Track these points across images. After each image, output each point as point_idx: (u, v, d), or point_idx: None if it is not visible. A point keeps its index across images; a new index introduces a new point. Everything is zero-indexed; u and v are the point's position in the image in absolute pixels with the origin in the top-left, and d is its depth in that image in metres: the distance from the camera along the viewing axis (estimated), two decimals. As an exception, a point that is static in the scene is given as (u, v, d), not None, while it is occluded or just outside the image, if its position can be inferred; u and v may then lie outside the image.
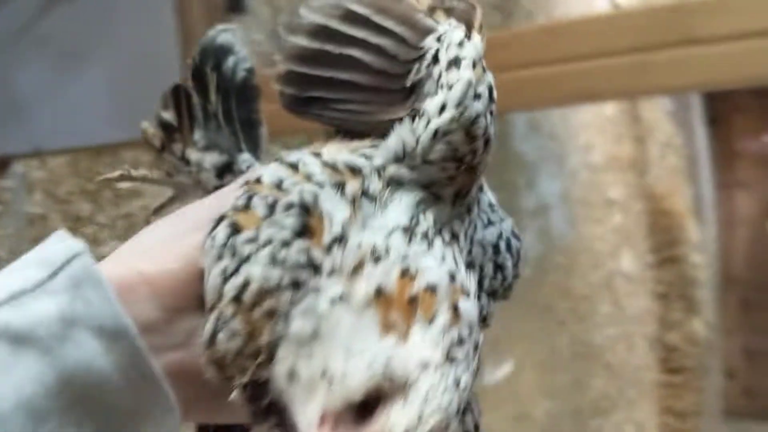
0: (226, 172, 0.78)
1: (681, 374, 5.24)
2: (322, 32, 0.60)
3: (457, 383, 0.46)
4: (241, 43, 0.81)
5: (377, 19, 0.58)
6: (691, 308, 5.23)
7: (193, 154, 0.79)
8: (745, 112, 5.88)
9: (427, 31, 0.56)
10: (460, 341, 0.47)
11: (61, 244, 0.47)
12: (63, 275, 0.45)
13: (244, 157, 0.79)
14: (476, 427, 0.56)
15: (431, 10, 0.58)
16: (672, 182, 5.40)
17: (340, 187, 0.51)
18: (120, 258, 0.51)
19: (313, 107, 0.59)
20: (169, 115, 0.80)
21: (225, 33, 0.78)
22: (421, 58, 0.55)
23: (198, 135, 0.79)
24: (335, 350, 0.46)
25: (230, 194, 0.53)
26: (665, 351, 5.24)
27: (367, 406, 0.44)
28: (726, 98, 5.89)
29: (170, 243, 0.52)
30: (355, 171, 0.53)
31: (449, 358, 0.46)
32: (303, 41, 0.61)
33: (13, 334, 0.41)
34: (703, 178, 5.80)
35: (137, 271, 0.49)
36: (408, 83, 0.55)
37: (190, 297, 0.50)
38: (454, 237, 0.54)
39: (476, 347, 0.48)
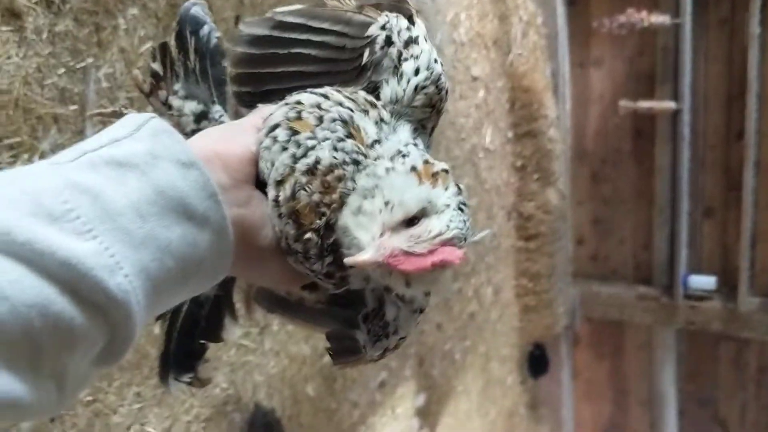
0: (202, 118, 0.96)
1: (535, 240, 5.65)
2: (264, 39, 0.80)
3: (465, 222, 0.69)
4: (209, 15, 1.00)
5: (313, 23, 0.79)
6: (546, 180, 5.59)
7: (174, 101, 0.96)
8: (602, -8, 6.09)
9: (365, 24, 0.78)
10: (464, 204, 0.71)
11: (137, 115, 0.64)
12: (145, 128, 0.61)
13: (216, 108, 0.97)
14: (421, 310, 0.80)
15: (360, 8, 0.80)
16: (532, 60, 5.61)
17: (366, 112, 0.74)
18: (196, 142, 0.69)
19: (270, 98, 0.78)
20: (156, 66, 0.97)
21: (196, 6, 0.97)
22: (370, 44, 0.77)
23: (178, 86, 0.96)
24: (392, 193, 0.68)
25: (249, 120, 0.75)
26: (521, 219, 5.62)
27: (411, 223, 0.67)
28: (584, -21, 6.08)
29: (229, 138, 0.72)
30: (372, 104, 0.75)
31: (459, 208, 0.69)
32: (248, 49, 0.80)
33: (117, 161, 0.57)
34: (561, 57, 6.06)
35: (212, 150, 0.68)
36: (362, 63, 0.77)
37: (248, 174, 0.71)
38: None
39: (469, 216, 0.71)
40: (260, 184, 0.72)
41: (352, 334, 0.79)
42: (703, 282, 5.86)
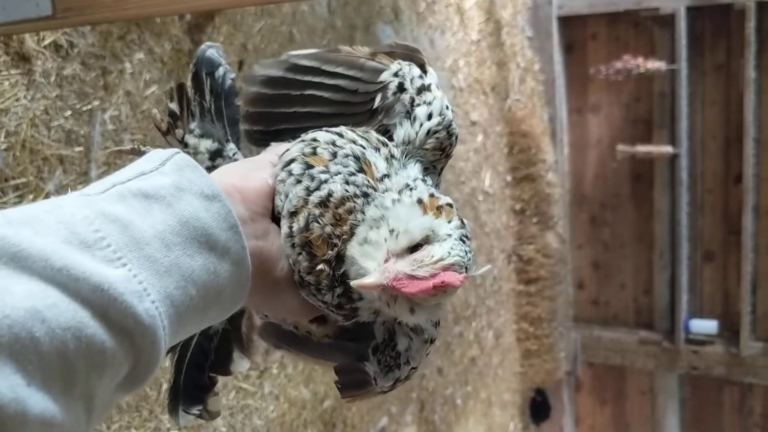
0: (217, 156, 0.99)
1: (535, 284, 5.64)
2: (278, 80, 0.84)
3: (465, 252, 0.71)
4: (224, 57, 1.03)
5: (327, 67, 0.83)
6: (545, 223, 5.60)
7: (190, 139, 1.00)
8: (599, 39, 6.19)
9: (378, 70, 0.83)
10: (466, 236, 0.73)
11: (162, 150, 0.67)
12: (170, 163, 0.65)
13: (231, 146, 1.01)
14: (432, 340, 0.82)
15: (373, 55, 0.84)
16: (530, 105, 5.67)
17: (377, 149, 0.77)
18: (216, 177, 0.71)
19: (281, 138, 0.82)
20: (174, 106, 1.01)
21: (212, 48, 1.01)
22: (382, 89, 0.82)
23: (194, 125, 1.00)
24: (398, 222, 0.70)
25: (265, 156, 0.79)
26: (521, 263, 5.62)
27: (414, 250, 0.69)
28: (581, 26, 6.18)
29: (247, 174, 0.75)
30: (384, 143, 0.79)
31: (461, 239, 0.71)
32: (262, 89, 0.84)
33: (144, 193, 0.60)
34: (559, 102, 6.13)
35: (231, 184, 0.70)
36: (373, 107, 0.82)
37: (265, 207, 0.73)
38: None
39: (470, 249, 0.73)
40: (276, 219, 0.74)
41: (362, 366, 0.80)
42: (705, 326, 5.83)
